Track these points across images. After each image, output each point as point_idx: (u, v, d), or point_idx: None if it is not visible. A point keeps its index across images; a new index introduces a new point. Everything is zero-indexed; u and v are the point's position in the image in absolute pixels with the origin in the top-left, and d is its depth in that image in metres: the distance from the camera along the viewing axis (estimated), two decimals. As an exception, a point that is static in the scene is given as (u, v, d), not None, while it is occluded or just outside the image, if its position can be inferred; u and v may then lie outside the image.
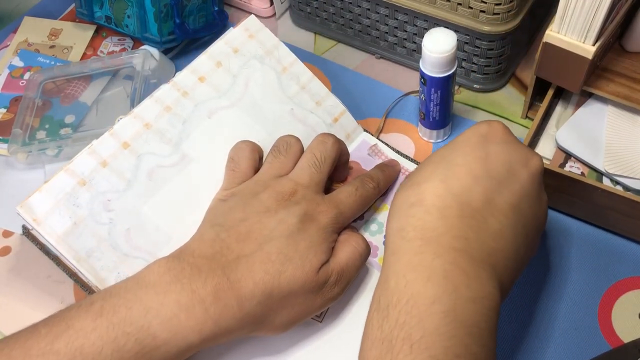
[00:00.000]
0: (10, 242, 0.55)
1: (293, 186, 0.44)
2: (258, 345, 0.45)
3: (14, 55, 0.68)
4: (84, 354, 0.35)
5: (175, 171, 0.47)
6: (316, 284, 0.40)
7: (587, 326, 0.46)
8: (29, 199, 0.43)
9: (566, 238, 0.51)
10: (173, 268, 0.38)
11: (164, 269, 0.39)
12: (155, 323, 0.36)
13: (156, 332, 0.36)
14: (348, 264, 0.42)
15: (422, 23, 0.58)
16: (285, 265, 0.39)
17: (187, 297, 0.37)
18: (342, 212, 0.44)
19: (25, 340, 0.36)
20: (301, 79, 0.53)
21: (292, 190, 0.44)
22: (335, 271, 0.42)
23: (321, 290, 0.41)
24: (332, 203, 0.44)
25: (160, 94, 0.49)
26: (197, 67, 0.50)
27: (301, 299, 0.40)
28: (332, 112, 0.54)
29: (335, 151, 0.47)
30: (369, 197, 0.48)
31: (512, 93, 0.61)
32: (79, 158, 0.45)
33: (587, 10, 0.45)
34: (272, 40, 0.53)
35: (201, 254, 0.40)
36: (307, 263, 0.40)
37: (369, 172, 0.50)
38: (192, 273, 0.38)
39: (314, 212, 0.43)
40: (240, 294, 0.38)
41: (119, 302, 0.37)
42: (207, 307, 0.37)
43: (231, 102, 0.51)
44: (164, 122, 0.48)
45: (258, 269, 0.39)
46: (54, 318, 0.37)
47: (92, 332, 0.36)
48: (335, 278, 0.42)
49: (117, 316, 0.36)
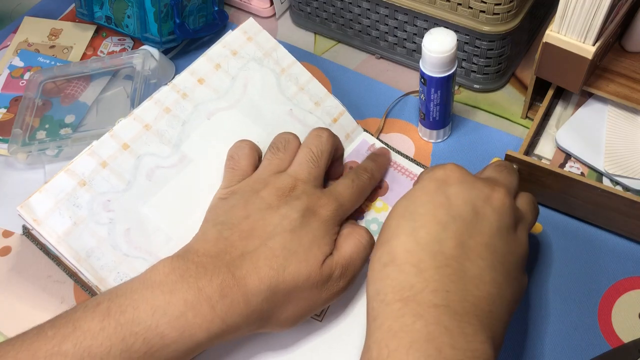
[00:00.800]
0: (10, 242, 0.55)
1: (292, 182, 0.44)
2: (259, 344, 0.45)
3: (14, 55, 0.68)
4: (92, 355, 0.35)
5: (174, 172, 0.47)
6: (321, 278, 0.40)
7: (587, 326, 0.46)
8: (29, 199, 0.44)
9: (566, 238, 0.51)
10: (178, 267, 0.39)
11: (169, 268, 0.39)
12: (162, 322, 0.36)
13: (164, 331, 0.36)
14: (352, 257, 0.42)
15: (422, 23, 0.58)
16: (289, 259, 0.40)
17: (194, 295, 0.37)
18: (342, 204, 0.44)
19: (32, 342, 0.36)
20: (300, 80, 0.53)
21: (291, 186, 0.44)
22: (339, 264, 0.42)
23: (326, 284, 0.41)
24: (332, 196, 0.44)
25: (160, 95, 0.49)
26: (196, 69, 0.51)
27: (306, 293, 0.40)
28: (331, 112, 0.54)
29: (331, 144, 0.47)
30: (365, 187, 0.48)
31: (512, 93, 0.61)
32: (79, 159, 0.46)
33: (587, 10, 0.45)
34: (271, 42, 0.54)
35: (205, 253, 0.40)
36: (311, 257, 0.40)
37: (362, 163, 0.50)
38: (197, 272, 0.38)
39: (315, 205, 0.43)
40: (246, 290, 0.38)
41: (126, 302, 0.37)
42: (214, 304, 0.37)
43: (230, 104, 0.51)
44: (164, 123, 0.48)
45: (262, 265, 0.39)
46: (60, 319, 0.37)
47: (99, 332, 0.36)
48: (340, 271, 0.42)
49: (125, 316, 0.36)
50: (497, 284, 0.36)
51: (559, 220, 0.51)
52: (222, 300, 0.37)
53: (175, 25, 0.64)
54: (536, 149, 0.53)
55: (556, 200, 0.50)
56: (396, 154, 0.54)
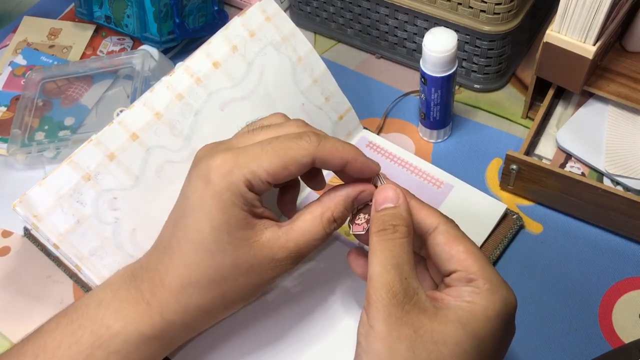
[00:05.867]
0: (10, 242, 0.55)
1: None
2: (252, 344, 0.45)
3: (17, 53, 0.68)
4: (46, 350, 0.37)
5: (184, 168, 0.44)
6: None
7: (588, 326, 0.46)
8: (29, 193, 0.41)
9: (566, 238, 0.50)
10: (132, 268, 0.40)
11: (124, 270, 0.40)
12: (107, 314, 0.38)
13: (109, 322, 0.37)
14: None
15: (423, 23, 0.58)
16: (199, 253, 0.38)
17: (134, 293, 0.38)
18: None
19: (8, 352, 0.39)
20: (315, 72, 0.52)
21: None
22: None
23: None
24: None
25: (173, 79, 0.46)
26: (211, 51, 0.48)
27: (236, 278, 0.38)
28: (338, 109, 0.53)
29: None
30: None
31: (512, 93, 0.61)
32: (84, 149, 0.43)
33: (587, 10, 0.45)
34: (289, 26, 0.51)
35: (149, 252, 0.41)
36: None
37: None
38: (140, 270, 0.39)
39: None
40: (171, 288, 0.38)
41: (81, 301, 0.39)
42: (149, 301, 0.38)
43: (244, 94, 0.48)
44: (176, 112, 0.45)
45: (177, 263, 0.38)
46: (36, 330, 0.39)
47: (54, 329, 0.38)
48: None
49: (77, 313, 0.38)
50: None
51: (560, 220, 0.51)
52: (154, 298, 0.38)
53: (174, 24, 0.64)
54: (537, 149, 0.53)
55: (556, 200, 0.50)
56: (394, 146, 0.55)
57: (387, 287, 0.32)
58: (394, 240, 0.34)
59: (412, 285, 0.33)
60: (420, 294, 0.33)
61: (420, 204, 0.37)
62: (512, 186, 0.52)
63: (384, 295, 0.32)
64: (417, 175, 0.53)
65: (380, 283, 0.33)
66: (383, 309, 0.32)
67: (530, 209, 0.52)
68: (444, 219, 0.37)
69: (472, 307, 0.33)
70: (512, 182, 0.51)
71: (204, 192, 0.36)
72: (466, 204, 0.51)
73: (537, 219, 0.52)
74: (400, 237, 0.35)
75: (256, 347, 0.45)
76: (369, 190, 0.39)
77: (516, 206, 0.52)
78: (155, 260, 0.39)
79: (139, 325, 0.38)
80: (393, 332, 0.32)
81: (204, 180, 0.37)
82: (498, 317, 0.33)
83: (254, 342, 0.45)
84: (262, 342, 0.45)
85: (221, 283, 0.38)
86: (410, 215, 0.36)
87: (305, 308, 0.46)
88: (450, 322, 0.32)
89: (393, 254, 0.34)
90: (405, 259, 0.34)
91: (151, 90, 0.45)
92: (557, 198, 0.50)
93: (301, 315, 0.46)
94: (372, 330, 0.32)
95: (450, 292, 0.34)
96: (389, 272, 0.33)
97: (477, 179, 0.54)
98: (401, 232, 0.35)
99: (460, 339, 0.32)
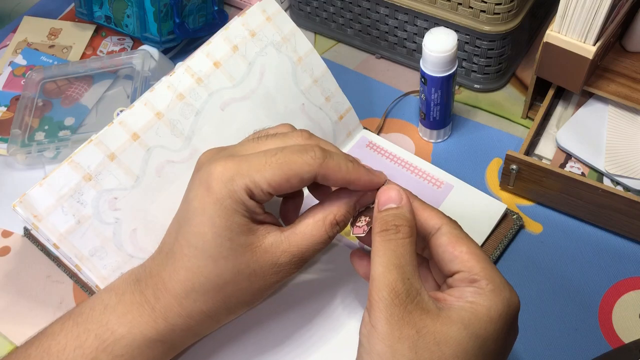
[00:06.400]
0: (10, 242, 0.55)
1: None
2: (258, 344, 0.45)
3: (17, 53, 0.68)
4: (50, 353, 0.37)
5: (184, 168, 0.45)
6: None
7: (588, 326, 0.46)
8: (29, 193, 0.41)
9: (566, 238, 0.51)
10: (136, 272, 0.40)
11: (128, 273, 0.40)
12: (112, 318, 0.38)
13: (114, 326, 0.37)
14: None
15: (423, 23, 0.58)
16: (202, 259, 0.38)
17: (138, 297, 0.38)
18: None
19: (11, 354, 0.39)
20: (315, 72, 0.52)
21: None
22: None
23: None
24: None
25: (173, 79, 0.46)
26: (212, 51, 0.48)
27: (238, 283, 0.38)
28: (338, 109, 0.53)
29: None
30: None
31: (512, 93, 0.61)
32: (85, 149, 0.43)
33: (587, 10, 0.45)
34: (289, 26, 0.51)
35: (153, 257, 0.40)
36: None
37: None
38: (144, 275, 0.39)
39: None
40: (175, 293, 0.38)
41: (87, 305, 0.39)
42: (153, 305, 0.38)
43: (245, 94, 0.49)
44: (177, 112, 0.45)
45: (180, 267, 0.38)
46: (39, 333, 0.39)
47: (59, 333, 0.38)
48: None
49: (82, 316, 0.38)
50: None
51: (560, 220, 0.51)
52: (158, 303, 0.38)
53: (174, 24, 0.64)
54: (537, 149, 0.53)
55: (556, 200, 0.50)
56: (393, 146, 0.54)
57: (390, 287, 0.32)
58: (396, 241, 0.34)
59: (415, 286, 0.33)
60: (422, 295, 0.33)
61: (423, 205, 0.37)
62: (512, 186, 0.52)
63: (386, 296, 0.32)
64: (417, 175, 0.53)
65: (383, 283, 0.33)
66: (385, 309, 0.32)
67: (530, 209, 0.52)
68: (447, 220, 0.36)
69: (475, 307, 0.33)
70: (512, 182, 0.51)
71: (205, 198, 0.36)
72: (466, 204, 0.51)
73: (537, 219, 0.52)
74: (403, 238, 0.34)
75: (260, 350, 0.45)
76: (371, 193, 0.39)
77: (516, 206, 0.53)
78: (158, 266, 0.39)
79: (143, 329, 0.38)
80: (395, 332, 0.31)
81: (205, 186, 0.37)
82: (501, 318, 0.33)
83: (257, 346, 0.45)
84: (265, 345, 0.45)
85: (224, 288, 0.38)
86: (413, 215, 0.36)
87: (308, 311, 0.46)
88: (452, 323, 0.32)
89: (396, 254, 0.34)
90: (408, 260, 0.34)
91: (151, 90, 0.45)
92: (557, 198, 0.50)
93: (305, 319, 0.46)
94: (374, 330, 0.32)
95: (452, 292, 0.34)
96: (391, 272, 0.33)
97: (477, 179, 0.54)
98: (404, 233, 0.35)
99: (463, 340, 0.32)
